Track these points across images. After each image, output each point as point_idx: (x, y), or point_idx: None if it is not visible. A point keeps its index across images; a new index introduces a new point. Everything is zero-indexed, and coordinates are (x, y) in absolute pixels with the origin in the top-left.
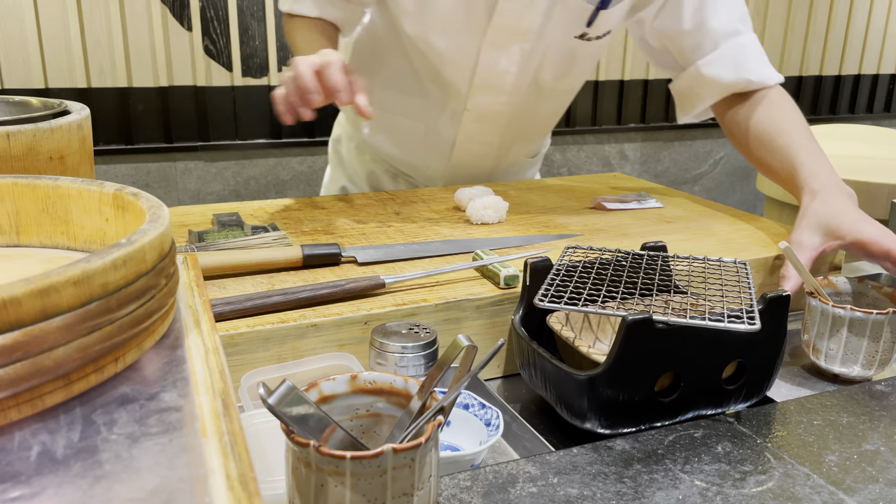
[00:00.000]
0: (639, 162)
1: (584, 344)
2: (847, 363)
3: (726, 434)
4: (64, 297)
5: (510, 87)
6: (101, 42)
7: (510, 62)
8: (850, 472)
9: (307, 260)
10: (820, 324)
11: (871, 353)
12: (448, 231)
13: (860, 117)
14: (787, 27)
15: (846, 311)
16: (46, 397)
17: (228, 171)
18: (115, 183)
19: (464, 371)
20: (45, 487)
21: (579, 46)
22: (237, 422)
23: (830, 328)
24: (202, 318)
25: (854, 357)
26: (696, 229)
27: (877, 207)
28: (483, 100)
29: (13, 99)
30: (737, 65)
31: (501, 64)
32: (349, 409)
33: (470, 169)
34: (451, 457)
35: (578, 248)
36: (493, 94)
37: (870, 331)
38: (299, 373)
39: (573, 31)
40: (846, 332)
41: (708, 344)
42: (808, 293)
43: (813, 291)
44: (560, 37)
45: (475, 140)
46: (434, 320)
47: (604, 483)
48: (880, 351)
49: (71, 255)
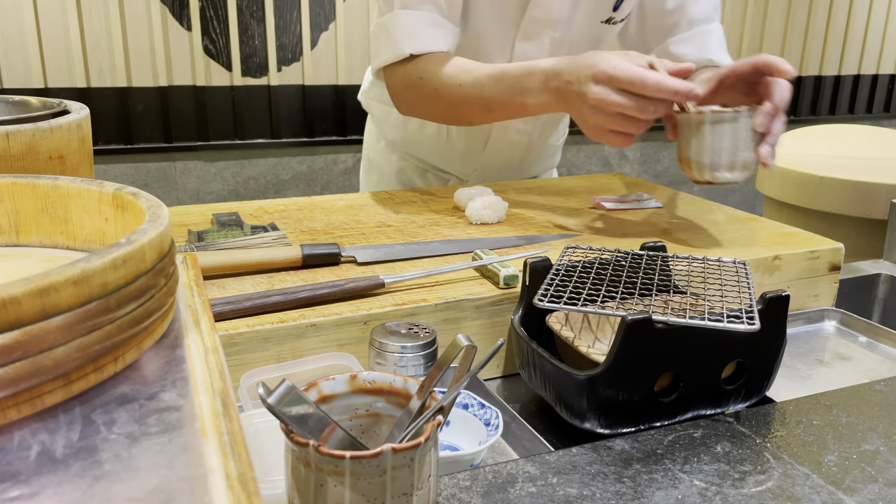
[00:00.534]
0: (638, 162)
1: (584, 344)
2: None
3: (726, 434)
4: (63, 296)
5: None
6: (101, 42)
7: (541, 51)
8: (849, 471)
9: (307, 260)
10: (686, 132)
11: (732, 150)
12: (447, 231)
13: (859, 117)
14: (787, 27)
15: (706, 114)
16: (46, 397)
17: (228, 171)
18: (114, 182)
19: (463, 371)
20: (44, 487)
21: (605, 31)
22: (237, 421)
23: (696, 132)
24: (202, 317)
25: (719, 157)
26: (695, 229)
27: (876, 207)
28: None
29: (12, 98)
30: (703, 47)
31: (533, 53)
32: (348, 408)
33: (503, 161)
34: (450, 456)
35: (578, 248)
36: None
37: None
38: (299, 372)
39: (601, 16)
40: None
41: (707, 344)
42: (675, 112)
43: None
44: (588, 23)
45: (511, 129)
46: (433, 320)
47: (603, 483)
48: (741, 149)
49: (70, 254)
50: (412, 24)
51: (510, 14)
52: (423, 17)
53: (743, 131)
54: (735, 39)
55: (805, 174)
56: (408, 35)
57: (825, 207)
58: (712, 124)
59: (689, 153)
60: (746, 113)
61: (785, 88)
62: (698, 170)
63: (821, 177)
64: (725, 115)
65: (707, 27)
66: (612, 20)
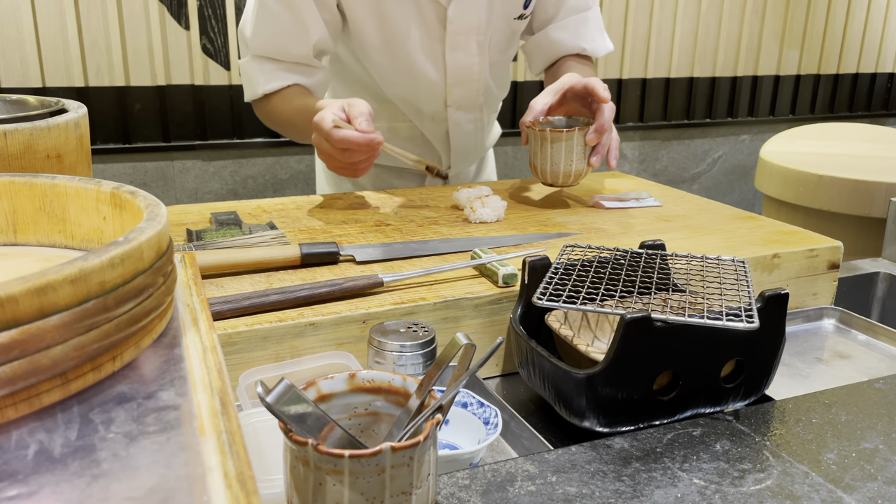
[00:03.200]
0: (637, 161)
1: (583, 342)
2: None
3: (725, 432)
4: (61, 295)
5: (478, 75)
6: (99, 41)
7: (469, 55)
8: (848, 470)
9: (305, 259)
10: (533, 144)
11: (567, 162)
12: (446, 230)
13: (858, 116)
14: (786, 26)
15: (547, 132)
16: (44, 396)
17: (226, 170)
18: (112, 181)
19: (462, 369)
20: (42, 486)
21: (517, 26)
22: (235, 420)
23: (540, 146)
24: (200, 316)
25: (557, 167)
26: (694, 228)
27: (875, 206)
28: (460, 92)
29: (10, 97)
30: (577, 34)
31: (463, 60)
32: (347, 407)
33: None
34: (449, 455)
35: (577, 247)
36: (466, 84)
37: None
38: (297, 371)
39: (514, 13)
40: (548, 147)
41: (706, 342)
42: (527, 127)
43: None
44: (504, 21)
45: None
46: (432, 319)
47: (602, 481)
48: (575, 161)
49: (68, 253)
50: (263, 69)
51: (433, 32)
52: (270, 66)
53: (576, 146)
54: (734, 38)
55: (804, 173)
56: (263, 77)
57: (824, 206)
58: (551, 142)
59: (535, 161)
60: (577, 132)
61: (608, 110)
62: (542, 175)
63: (820, 175)
64: (562, 134)
65: (584, 15)
66: (524, 16)
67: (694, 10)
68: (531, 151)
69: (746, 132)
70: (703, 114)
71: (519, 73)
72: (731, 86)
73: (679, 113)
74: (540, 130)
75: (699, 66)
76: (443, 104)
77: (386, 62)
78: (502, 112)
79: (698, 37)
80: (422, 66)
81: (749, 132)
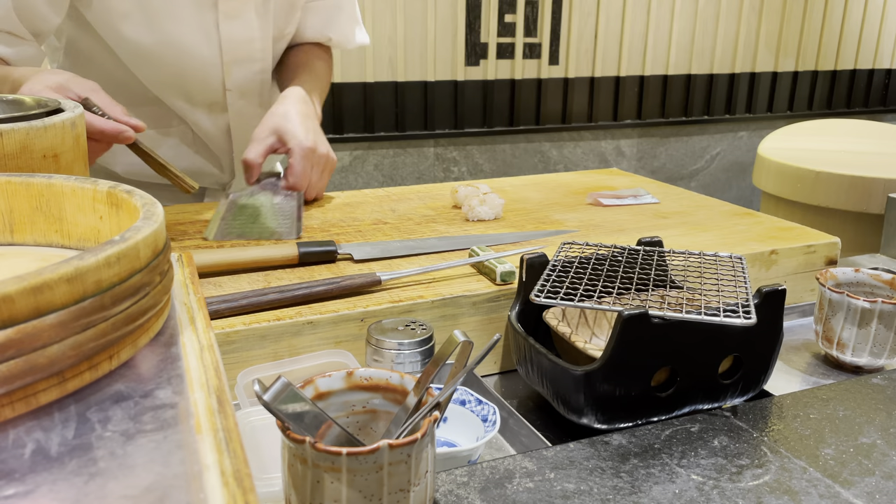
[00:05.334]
0: (635, 158)
1: (581, 339)
2: (859, 353)
3: (723, 428)
4: (57, 294)
5: (260, 53)
6: None
7: (250, 27)
8: (846, 465)
9: (303, 257)
10: (830, 312)
11: (883, 340)
12: (444, 228)
13: (857, 112)
14: (783, 23)
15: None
16: (40, 395)
17: None
18: (108, 181)
19: (460, 367)
20: (39, 485)
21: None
22: (232, 418)
23: (849, 319)
24: (197, 315)
25: (864, 346)
26: (692, 224)
27: (873, 202)
28: (240, 73)
29: (7, 97)
30: (328, 22)
31: (243, 31)
32: (345, 405)
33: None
34: (447, 452)
35: (574, 244)
36: (247, 65)
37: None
38: (295, 370)
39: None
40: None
41: (704, 338)
42: None
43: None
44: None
45: (250, 114)
46: (430, 317)
47: (601, 478)
48: (891, 340)
49: (65, 253)
50: None
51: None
52: None
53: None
54: (732, 35)
55: (802, 169)
56: None
57: (822, 202)
58: None
59: None
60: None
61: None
62: None
63: (817, 171)
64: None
65: (337, 3)
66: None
67: (691, 6)
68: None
69: (744, 129)
70: (700, 111)
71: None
72: (728, 82)
73: (677, 110)
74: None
75: (697, 63)
76: (220, 89)
77: (143, 37)
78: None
79: (696, 34)
80: (190, 39)
81: (747, 129)
